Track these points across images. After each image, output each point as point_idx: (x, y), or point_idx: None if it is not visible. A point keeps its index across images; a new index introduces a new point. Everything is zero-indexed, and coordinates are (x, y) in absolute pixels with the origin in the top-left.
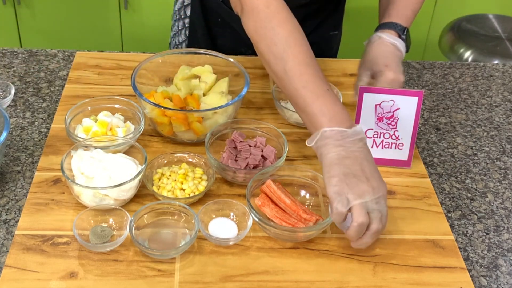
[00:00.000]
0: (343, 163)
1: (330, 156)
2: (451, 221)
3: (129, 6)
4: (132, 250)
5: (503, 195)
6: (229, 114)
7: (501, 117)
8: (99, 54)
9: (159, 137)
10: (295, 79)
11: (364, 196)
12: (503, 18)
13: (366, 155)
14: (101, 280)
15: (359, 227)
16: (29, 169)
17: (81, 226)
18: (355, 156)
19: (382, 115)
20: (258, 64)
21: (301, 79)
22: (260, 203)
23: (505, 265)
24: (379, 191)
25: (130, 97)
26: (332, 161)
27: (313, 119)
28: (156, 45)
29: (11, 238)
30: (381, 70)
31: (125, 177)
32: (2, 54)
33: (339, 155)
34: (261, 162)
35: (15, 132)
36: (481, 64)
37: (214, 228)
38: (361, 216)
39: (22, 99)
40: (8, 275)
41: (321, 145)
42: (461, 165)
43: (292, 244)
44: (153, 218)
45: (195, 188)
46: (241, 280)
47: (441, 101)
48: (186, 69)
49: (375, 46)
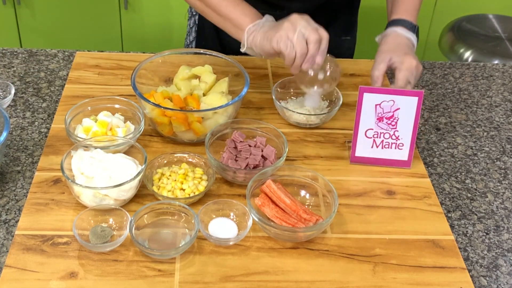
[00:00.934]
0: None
1: (260, 39)
2: (451, 221)
3: (129, 6)
4: (132, 250)
5: (503, 195)
6: (229, 114)
7: (501, 117)
8: (99, 54)
9: (159, 137)
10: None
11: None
12: (503, 18)
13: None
14: (101, 280)
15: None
16: (29, 169)
17: (81, 226)
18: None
19: (382, 115)
20: (258, 64)
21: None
22: (260, 203)
23: (505, 265)
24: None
25: (130, 97)
26: (263, 37)
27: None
28: (156, 45)
29: (11, 238)
30: (401, 59)
31: (125, 177)
32: (2, 54)
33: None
34: (261, 162)
35: (15, 132)
36: (481, 64)
37: (214, 228)
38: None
39: (22, 99)
40: (8, 275)
41: (251, 40)
42: (461, 165)
43: (292, 244)
44: (153, 218)
45: (195, 188)
46: (241, 280)
47: (441, 101)
48: (186, 69)
49: (392, 38)
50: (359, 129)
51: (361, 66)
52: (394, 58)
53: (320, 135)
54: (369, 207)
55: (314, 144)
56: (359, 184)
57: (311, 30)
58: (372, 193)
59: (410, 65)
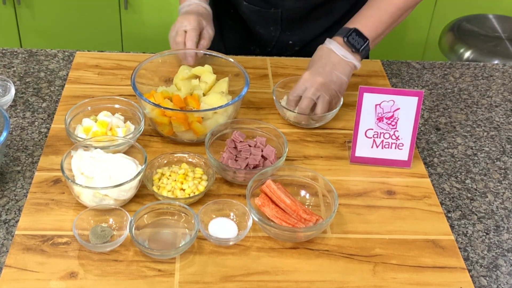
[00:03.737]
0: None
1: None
2: (451, 221)
3: (129, 6)
4: (132, 250)
5: (503, 195)
6: (229, 114)
7: (501, 117)
8: (99, 54)
9: (159, 137)
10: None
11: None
12: (503, 18)
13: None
14: (101, 280)
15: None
16: (29, 169)
17: (81, 226)
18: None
19: (382, 115)
20: (258, 64)
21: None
22: (260, 203)
23: (505, 265)
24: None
25: (130, 97)
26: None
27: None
28: (156, 45)
29: (11, 238)
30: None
31: (125, 177)
32: (2, 54)
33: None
34: (261, 162)
35: (15, 132)
36: (481, 64)
37: (214, 228)
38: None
39: (22, 99)
40: (8, 275)
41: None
42: (461, 165)
43: (292, 244)
44: (153, 218)
45: (195, 188)
46: (241, 280)
47: (441, 101)
48: (186, 69)
49: (315, 52)
50: (359, 129)
51: (362, 66)
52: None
53: (320, 135)
54: (369, 207)
55: (314, 144)
56: (359, 184)
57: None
58: (372, 193)
59: (301, 79)
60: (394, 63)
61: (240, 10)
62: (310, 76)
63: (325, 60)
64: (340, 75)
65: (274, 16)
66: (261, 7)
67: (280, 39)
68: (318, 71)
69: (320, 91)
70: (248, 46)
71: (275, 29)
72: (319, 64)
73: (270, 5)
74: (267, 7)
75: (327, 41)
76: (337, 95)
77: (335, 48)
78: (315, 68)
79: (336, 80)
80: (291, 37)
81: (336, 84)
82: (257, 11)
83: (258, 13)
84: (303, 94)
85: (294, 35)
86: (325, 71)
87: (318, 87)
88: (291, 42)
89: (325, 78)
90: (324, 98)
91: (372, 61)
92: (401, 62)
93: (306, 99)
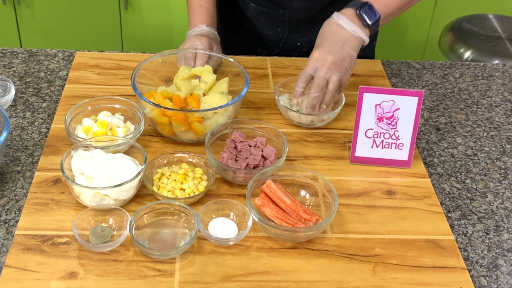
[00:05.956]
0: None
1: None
2: (451, 221)
3: (129, 6)
4: (132, 250)
5: (503, 195)
6: (229, 114)
7: (501, 117)
8: (99, 54)
9: (159, 137)
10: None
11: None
12: (503, 18)
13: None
14: (101, 280)
15: None
16: (29, 169)
17: (81, 226)
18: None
19: (382, 115)
20: (258, 64)
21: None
22: (260, 203)
23: (505, 265)
24: None
25: (130, 97)
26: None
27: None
28: (156, 45)
29: (11, 238)
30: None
31: (125, 177)
32: (2, 54)
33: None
34: (261, 162)
35: (15, 132)
36: (481, 64)
37: (214, 228)
38: None
39: (22, 99)
40: (8, 275)
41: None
42: (461, 165)
43: (292, 244)
44: (153, 218)
45: (195, 188)
46: (241, 280)
47: (441, 101)
48: (186, 69)
49: (322, 30)
50: (359, 129)
51: (361, 66)
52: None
53: (320, 135)
54: (369, 207)
55: (314, 144)
56: (359, 184)
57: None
58: (372, 193)
59: (311, 57)
60: (394, 63)
61: (248, 12)
62: (321, 55)
63: (334, 36)
64: (350, 51)
65: (282, 17)
66: (269, 8)
67: (288, 40)
68: (328, 50)
69: (331, 69)
70: (255, 49)
71: (283, 30)
72: (328, 41)
73: (278, 6)
74: (275, 8)
75: (336, 16)
76: (347, 71)
77: (345, 23)
78: (325, 46)
79: (346, 57)
80: (299, 38)
81: (346, 61)
82: (265, 12)
83: (266, 14)
84: (315, 74)
85: (302, 36)
86: (335, 49)
87: (330, 66)
88: (299, 44)
89: (336, 56)
90: (336, 77)
91: (372, 61)
92: (401, 62)
93: (319, 78)
